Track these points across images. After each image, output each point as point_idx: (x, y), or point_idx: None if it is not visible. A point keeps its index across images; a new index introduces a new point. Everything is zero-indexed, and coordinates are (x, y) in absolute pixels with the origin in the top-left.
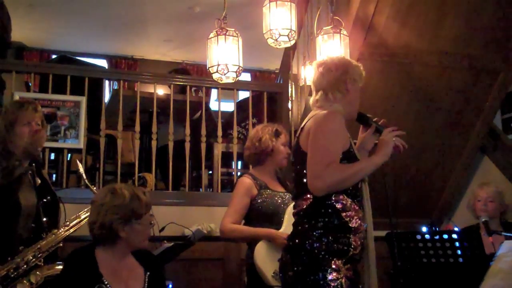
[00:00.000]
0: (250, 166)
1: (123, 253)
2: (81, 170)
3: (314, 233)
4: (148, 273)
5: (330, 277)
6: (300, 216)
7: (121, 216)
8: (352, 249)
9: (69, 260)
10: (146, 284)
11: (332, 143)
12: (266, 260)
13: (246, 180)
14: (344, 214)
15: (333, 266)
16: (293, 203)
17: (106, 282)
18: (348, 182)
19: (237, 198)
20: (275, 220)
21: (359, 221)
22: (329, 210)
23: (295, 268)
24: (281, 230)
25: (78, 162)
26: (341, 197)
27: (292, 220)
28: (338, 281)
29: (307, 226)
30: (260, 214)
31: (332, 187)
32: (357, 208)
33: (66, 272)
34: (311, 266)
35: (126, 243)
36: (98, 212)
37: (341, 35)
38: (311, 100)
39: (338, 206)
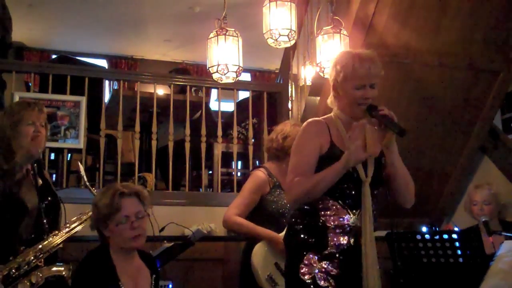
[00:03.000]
0: (265, 159)
1: (126, 253)
2: (82, 172)
3: (295, 229)
4: (154, 275)
5: (302, 270)
6: (292, 212)
7: (97, 217)
8: (329, 247)
9: (86, 262)
10: (152, 286)
11: (300, 156)
12: (262, 262)
13: (261, 175)
14: (322, 213)
15: (305, 261)
16: None
17: (120, 283)
18: (314, 192)
19: (248, 192)
20: (279, 222)
21: (339, 221)
22: (309, 209)
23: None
24: (283, 234)
25: (79, 163)
26: (322, 197)
27: None
28: (311, 275)
29: (291, 222)
30: (266, 213)
31: (299, 199)
32: (339, 207)
33: (85, 274)
34: (290, 260)
35: (114, 245)
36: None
37: (341, 35)
38: None
39: (317, 205)
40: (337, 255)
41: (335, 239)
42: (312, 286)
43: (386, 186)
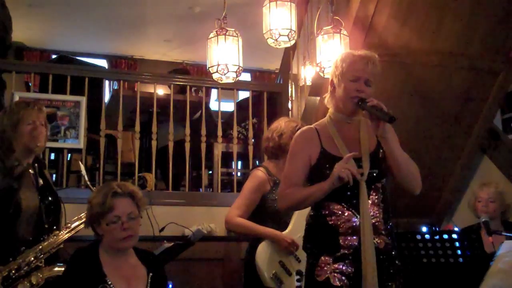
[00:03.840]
0: (265, 158)
1: (118, 252)
2: (83, 171)
3: (310, 232)
4: (151, 274)
5: (317, 272)
6: (308, 215)
7: (90, 214)
8: (342, 249)
9: (73, 259)
10: (148, 285)
11: (291, 166)
12: (267, 260)
13: (261, 175)
14: (328, 218)
15: (320, 263)
16: None
17: (109, 282)
18: (303, 205)
19: (248, 192)
20: (281, 221)
21: (348, 223)
22: (318, 215)
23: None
24: (286, 231)
25: (80, 163)
26: (326, 203)
27: (298, 223)
28: (326, 277)
29: (307, 225)
30: (268, 212)
31: (289, 210)
32: (345, 210)
33: (70, 271)
34: (308, 262)
35: (106, 243)
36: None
37: (341, 35)
38: None
39: (324, 212)
40: (349, 256)
41: (346, 241)
42: (326, 287)
43: (391, 176)
